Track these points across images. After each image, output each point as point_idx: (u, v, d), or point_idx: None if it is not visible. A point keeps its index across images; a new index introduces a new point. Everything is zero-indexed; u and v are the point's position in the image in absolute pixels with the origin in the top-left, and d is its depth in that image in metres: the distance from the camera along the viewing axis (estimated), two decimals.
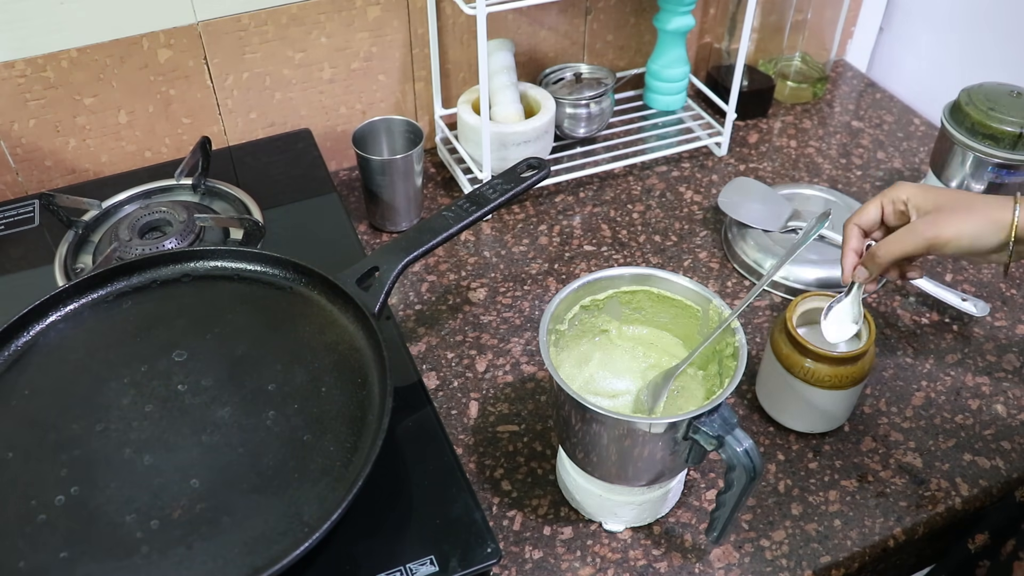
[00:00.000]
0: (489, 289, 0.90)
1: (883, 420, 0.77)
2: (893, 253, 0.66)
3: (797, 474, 0.72)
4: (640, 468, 0.61)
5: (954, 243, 0.63)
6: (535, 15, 1.04)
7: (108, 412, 0.62)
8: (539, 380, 0.80)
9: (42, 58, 0.85)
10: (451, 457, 0.64)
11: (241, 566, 0.53)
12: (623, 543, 0.67)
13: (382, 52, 0.99)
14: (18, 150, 0.90)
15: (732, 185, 0.96)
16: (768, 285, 0.89)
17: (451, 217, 0.72)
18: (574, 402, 0.58)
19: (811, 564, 0.66)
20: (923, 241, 0.64)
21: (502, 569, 0.65)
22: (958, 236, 0.63)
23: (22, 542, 0.54)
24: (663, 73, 1.09)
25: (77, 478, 0.58)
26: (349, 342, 0.66)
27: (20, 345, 0.67)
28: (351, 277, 0.69)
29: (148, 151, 0.96)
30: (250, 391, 0.63)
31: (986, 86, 0.88)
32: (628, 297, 0.68)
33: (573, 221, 0.98)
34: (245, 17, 0.90)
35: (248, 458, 0.59)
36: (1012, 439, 0.75)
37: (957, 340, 0.84)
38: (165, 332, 0.68)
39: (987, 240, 0.63)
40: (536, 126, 0.96)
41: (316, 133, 1.00)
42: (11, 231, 0.86)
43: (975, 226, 0.63)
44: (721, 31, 1.13)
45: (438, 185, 1.04)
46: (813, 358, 0.70)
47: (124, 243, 0.78)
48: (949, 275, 0.91)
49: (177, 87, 0.92)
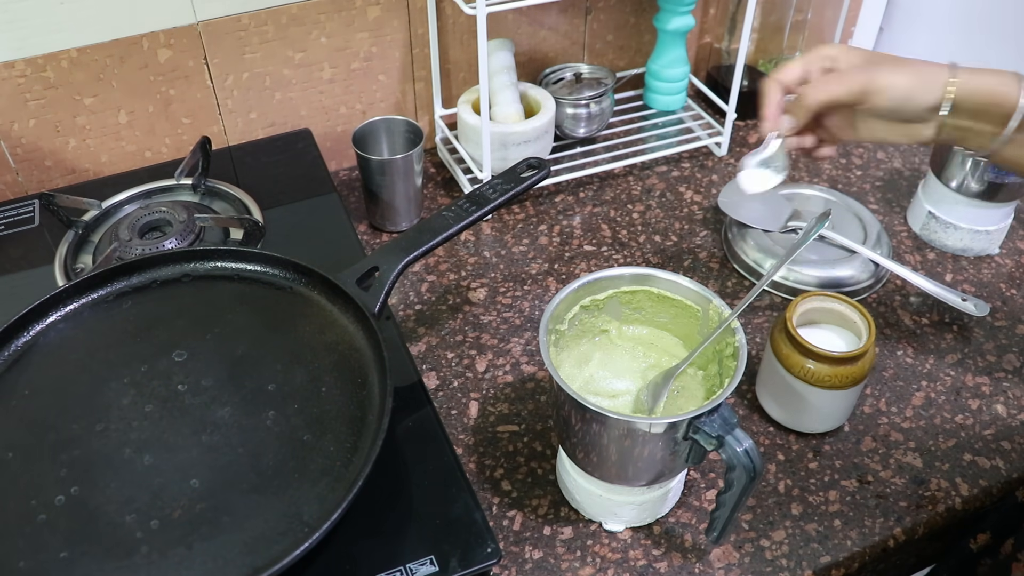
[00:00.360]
0: (489, 289, 0.90)
1: (883, 420, 0.77)
2: (821, 97, 0.62)
3: (797, 474, 0.72)
4: (640, 468, 0.61)
5: (888, 92, 0.60)
6: (535, 15, 1.04)
7: (108, 412, 0.62)
8: (539, 380, 0.80)
9: (42, 58, 0.85)
10: (451, 457, 0.64)
11: (241, 566, 0.53)
12: (623, 543, 0.67)
13: (382, 52, 0.99)
14: (18, 150, 0.90)
15: (732, 185, 0.96)
16: (768, 285, 0.89)
17: (451, 217, 0.72)
18: (574, 402, 0.58)
19: (811, 564, 0.66)
20: (856, 86, 0.60)
21: (502, 569, 0.65)
22: (892, 85, 0.60)
23: (22, 542, 0.54)
24: (663, 73, 1.09)
25: (77, 478, 0.58)
26: (349, 342, 0.66)
27: (20, 345, 0.67)
28: (351, 277, 0.69)
29: (148, 151, 0.96)
30: (250, 391, 0.63)
31: None
32: (628, 297, 0.68)
33: (573, 221, 0.98)
34: (245, 17, 0.90)
35: (248, 458, 0.59)
36: (1012, 439, 0.75)
37: (957, 340, 0.84)
38: (165, 332, 0.68)
39: (921, 97, 0.60)
40: (536, 126, 0.96)
41: (316, 133, 1.00)
42: (11, 231, 0.86)
43: (910, 79, 0.60)
44: (721, 31, 1.13)
45: (438, 185, 1.04)
46: (813, 358, 0.70)
47: (124, 243, 0.78)
48: (949, 275, 0.91)
49: (177, 87, 0.92)
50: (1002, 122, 0.59)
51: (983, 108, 0.59)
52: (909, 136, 0.63)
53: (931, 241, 0.95)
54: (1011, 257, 0.93)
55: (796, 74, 0.65)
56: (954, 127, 0.61)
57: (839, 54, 0.63)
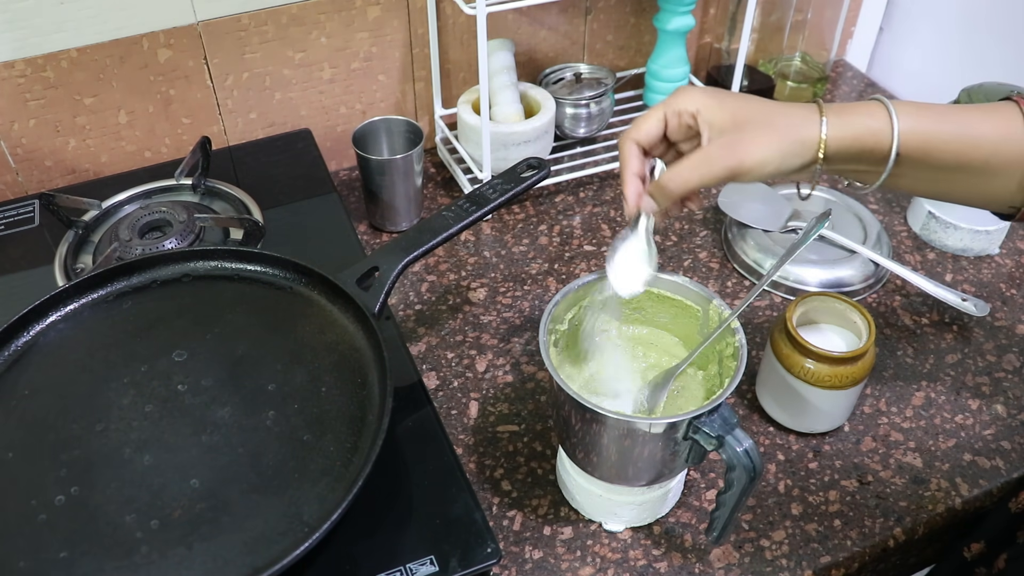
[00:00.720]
0: (489, 289, 0.90)
1: (883, 420, 0.77)
2: (688, 184, 0.56)
3: (797, 474, 0.72)
4: (640, 468, 0.61)
5: (758, 170, 0.55)
6: (535, 15, 1.04)
7: (108, 412, 0.62)
8: (539, 380, 0.80)
9: (42, 58, 0.85)
10: (451, 457, 0.64)
11: (241, 566, 0.53)
12: (623, 543, 0.67)
13: (382, 52, 0.99)
14: (18, 150, 0.90)
15: (732, 185, 0.96)
16: (768, 285, 0.89)
17: (451, 217, 0.72)
18: (574, 402, 0.58)
19: (811, 564, 0.66)
20: (723, 171, 0.55)
21: (502, 569, 0.65)
22: (762, 163, 0.54)
23: (22, 542, 0.54)
24: (663, 73, 1.09)
25: (77, 478, 0.58)
26: (349, 342, 0.66)
27: (20, 345, 0.67)
28: (351, 277, 0.69)
29: (148, 151, 0.96)
30: (250, 391, 0.63)
31: (986, 86, 0.88)
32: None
33: (573, 221, 0.98)
34: (245, 17, 0.90)
35: (248, 458, 0.59)
36: (1012, 439, 0.75)
37: (957, 340, 0.84)
38: (165, 332, 0.68)
39: (793, 161, 0.55)
40: (536, 126, 0.96)
41: (316, 133, 1.00)
42: (11, 231, 0.86)
43: (780, 148, 0.55)
44: (721, 31, 1.13)
45: (438, 185, 1.04)
46: (813, 358, 0.70)
47: (124, 243, 0.78)
48: (949, 275, 0.91)
49: (177, 87, 0.92)
50: (881, 162, 0.56)
51: (858, 155, 0.56)
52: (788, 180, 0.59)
53: (931, 241, 0.95)
54: (1011, 257, 0.93)
55: (655, 132, 0.59)
56: (835, 171, 0.58)
57: (700, 109, 0.56)
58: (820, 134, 0.55)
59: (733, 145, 0.55)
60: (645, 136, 0.59)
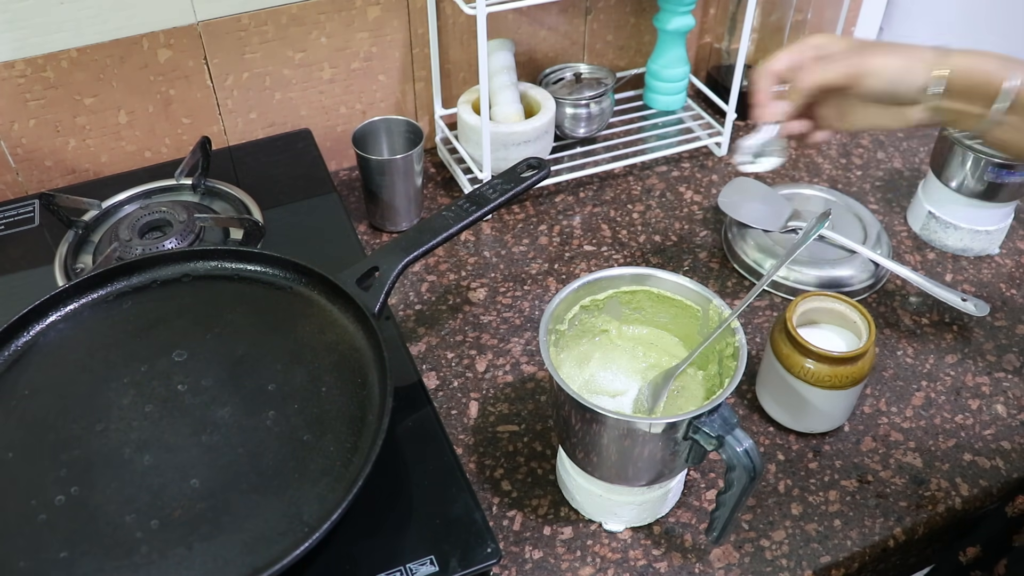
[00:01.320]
0: (489, 289, 0.90)
1: (883, 420, 0.77)
2: (815, 80, 0.63)
3: (797, 474, 0.72)
4: (640, 468, 0.61)
5: (880, 74, 0.61)
6: (535, 15, 1.04)
7: (108, 412, 0.62)
8: (539, 380, 0.80)
9: (42, 58, 0.85)
10: (451, 457, 0.64)
11: (241, 566, 0.53)
12: (623, 543, 0.67)
13: (382, 52, 0.99)
14: (18, 150, 0.90)
15: (732, 185, 0.96)
16: (768, 285, 0.89)
17: (451, 217, 0.72)
18: (574, 402, 0.58)
19: (811, 564, 0.66)
20: (849, 69, 0.62)
21: (502, 569, 0.65)
22: (884, 67, 0.61)
23: (22, 542, 0.54)
24: (663, 73, 1.09)
25: (77, 478, 0.58)
26: (349, 342, 0.66)
27: (20, 345, 0.67)
28: (351, 277, 0.69)
29: (148, 151, 0.96)
30: (250, 391, 0.63)
31: None
32: (628, 297, 0.68)
33: (573, 221, 0.98)
34: (245, 17, 0.90)
35: (248, 458, 0.59)
36: (1012, 439, 0.75)
37: (957, 340, 0.84)
38: (165, 332, 0.68)
39: (912, 77, 0.61)
40: (536, 126, 0.96)
41: (316, 133, 1.00)
42: (11, 231, 0.86)
43: (900, 61, 0.61)
44: (721, 31, 1.13)
45: (438, 185, 1.04)
46: (813, 358, 0.70)
47: (124, 243, 0.78)
48: (949, 275, 0.91)
49: (177, 87, 0.92)
50: (989, 103, 0.60)
51: (972, 89, 0.60)
52: (900, 120, 0.64)
53: (931, 241, 0.95)
54: (1011, 257, 0.93)
55: (786, 63, 0.66)
56: (944, 109, 0.62)
57: (827, 42, 0.64)
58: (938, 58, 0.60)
59: (860, 51, 0.62)
60: (777, 65, 0.66)
